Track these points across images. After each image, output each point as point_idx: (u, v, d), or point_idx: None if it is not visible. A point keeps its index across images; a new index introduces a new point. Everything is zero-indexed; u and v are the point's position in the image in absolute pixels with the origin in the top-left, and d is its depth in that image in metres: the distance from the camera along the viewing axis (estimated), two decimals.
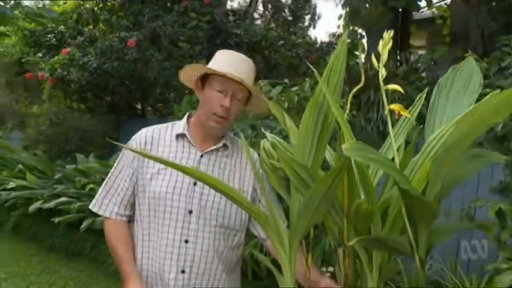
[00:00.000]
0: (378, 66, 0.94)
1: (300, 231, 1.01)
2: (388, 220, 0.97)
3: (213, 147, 1.27)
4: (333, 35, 9.66)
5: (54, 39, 6.45)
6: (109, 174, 1.31)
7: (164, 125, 1.33)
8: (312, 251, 1.11)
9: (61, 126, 5.54)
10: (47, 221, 4.26)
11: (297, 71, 6.23)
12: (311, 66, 1.06)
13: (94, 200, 1.31)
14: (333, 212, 1.00)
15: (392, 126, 0.99)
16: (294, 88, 3.34)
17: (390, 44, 0.96)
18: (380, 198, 1.01)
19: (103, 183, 1.31)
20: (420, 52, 5.70)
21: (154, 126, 1.32)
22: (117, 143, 1.13)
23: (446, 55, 3.87)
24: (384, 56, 0.94)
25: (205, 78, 1.25)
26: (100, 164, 4.68)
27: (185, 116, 1.32)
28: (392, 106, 0.89)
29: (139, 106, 7.05)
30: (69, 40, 6.29)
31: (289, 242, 1.02)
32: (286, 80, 3.63)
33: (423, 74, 3.98)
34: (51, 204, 4.14)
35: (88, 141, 5.08)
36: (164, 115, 6.00)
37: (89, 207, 1.31)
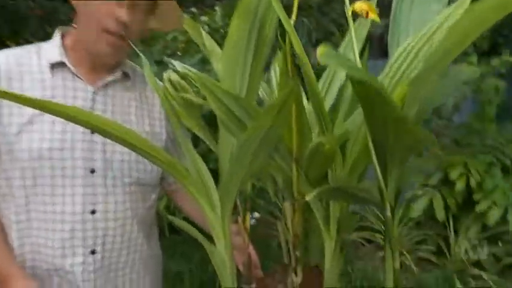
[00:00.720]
0: None
1: (234, 185, 0.76)
2: (347, 162, 0.76)
3: (109, 79, 0.91)
4: None
5: None
6: None
7: (23, 49, 0.90)
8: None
9: None
10: None
11: (203, 2, 5.69)
12: None
13: None
14: (278, 157, 0.75)
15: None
16: (203, 18, 2.98)
17: None
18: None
19: None
20: None
21: (4, 53, 0.89)
22: None
23: None
24: None
25: None
26: None
27: (57, 36, 0.91)
28: (358, 4, 0.63)
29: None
30: None
31: (221, 201, 0.76)
32: (193, 9, 3.22)
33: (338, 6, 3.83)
34: None
35: None
36: None
37: None
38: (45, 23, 4.96)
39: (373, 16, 0.65)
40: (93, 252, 0.89)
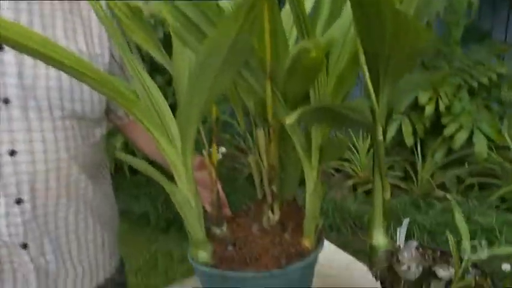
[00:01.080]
0: None
1: (196, 111, 0.62)
2: (331, 78, 0.64)
3: None
4: None
5: None
6: None
7: None
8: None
9: None
10: None
11: None
12: None
13: None
14: (248, 75, 0.62)
15: None
16: None
17: None
18: None
19: None
20: None
21: None
22: None
23: None
24: None
25: None
26: None
27: None
28: None
29: None
30: None
31: (180, 131, 0.63)
32: None
33: None
34: None
35: None
36: None
37: None
38: None
39: None
40: (19, 201, 0.74)
